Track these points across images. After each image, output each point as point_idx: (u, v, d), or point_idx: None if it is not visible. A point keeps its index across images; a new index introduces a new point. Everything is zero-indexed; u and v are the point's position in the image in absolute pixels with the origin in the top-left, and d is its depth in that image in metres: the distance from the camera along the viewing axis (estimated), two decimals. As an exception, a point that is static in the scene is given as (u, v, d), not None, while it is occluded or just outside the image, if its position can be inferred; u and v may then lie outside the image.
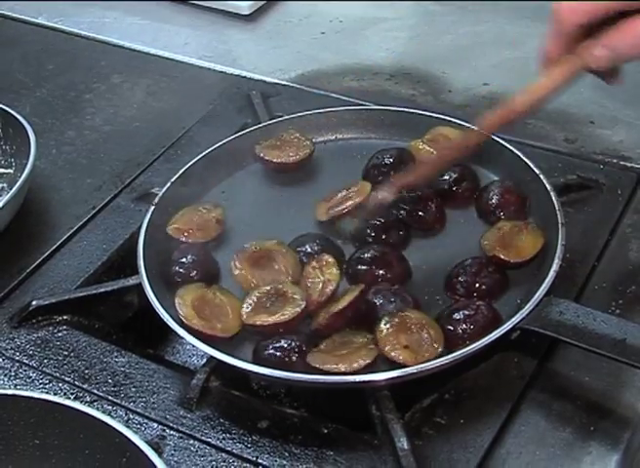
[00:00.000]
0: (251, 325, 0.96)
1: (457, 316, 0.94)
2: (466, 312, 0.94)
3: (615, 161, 1.17)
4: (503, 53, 1.38)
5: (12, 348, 1.01)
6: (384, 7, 1.51)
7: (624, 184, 1.13)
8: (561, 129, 1.23)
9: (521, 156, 1.08)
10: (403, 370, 0.89)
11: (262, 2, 1.51)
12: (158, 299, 0.97)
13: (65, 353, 1.00)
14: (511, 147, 1.09)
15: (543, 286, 0.93)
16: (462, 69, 1.35)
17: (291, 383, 0.94)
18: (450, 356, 0.89)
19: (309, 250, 1.03)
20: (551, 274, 0.94)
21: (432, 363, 0.89)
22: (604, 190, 1.13)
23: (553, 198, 1.02)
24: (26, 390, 0.95)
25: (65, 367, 0.99)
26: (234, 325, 0.96)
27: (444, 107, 1.23)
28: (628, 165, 1.17)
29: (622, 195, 1.12)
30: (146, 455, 0.80)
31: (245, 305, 0.97)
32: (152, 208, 1.07)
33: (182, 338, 0.94)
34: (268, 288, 0.99)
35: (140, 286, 1.01)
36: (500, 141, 1.10)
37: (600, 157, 1.18)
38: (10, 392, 0.88)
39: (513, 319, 0.91)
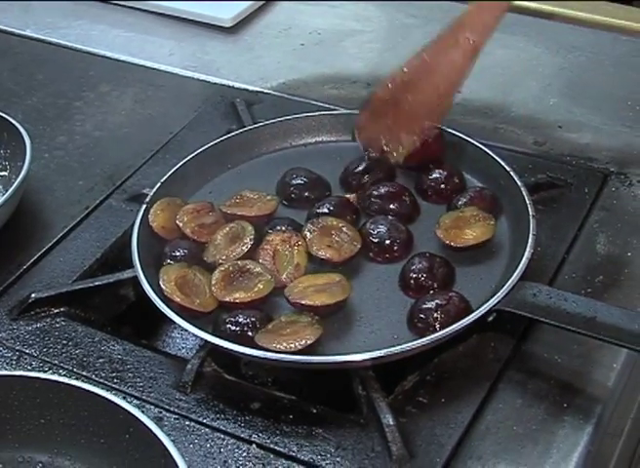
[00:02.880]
0: (228, 302, 1.01)
1: (428, 305, 0.99)
2: (438, 302, 0.99)
3: (582, 162, 1.24)
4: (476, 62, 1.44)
5: (12, 338, 1.05)
6: (361, 20, 1.57)
7: (591, 183, 1.20)
8: (531, 133, 1.29)
9: (493, 156, 1.14)
10: (385, 350, 0.94)
11: (244, 15, 1.57)
12: (151, 286, 1.02)
13: (64, 342, 1.05)
14: (484, 148, 1.16)
15: (517, 271, 0.99)
16: (436, 78, 1.41)
17: (273, 364, 0.99)
18: (428, 338, 0.94)
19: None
20: (524, 261, 1.00)
21: (412, 343, 0.94)
22: (572, 189, 1.19)
23: (523, 193, 1.08)
24: (28, 377, 1.00)
25: (64, 355, 1.03)
26: (211, 302, 1.02)
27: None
28: (595, 166, 1.23)
29: (589, 193, 1.18)
30: (150, 429, 0.84)
31: (213, 285, 1.02)
32: (144, 206, 1.12)
33: (174, 322, 0.99)
34: (229, 265, 1.04)
35: (133, 279, 1.07)
36: (474, 143, 1.16)
37: (568, 158, 1.24)
38: (17, 373, 0.92)
39: (490, 301, 0.96)
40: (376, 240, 1.07)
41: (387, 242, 1.07)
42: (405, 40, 1.52)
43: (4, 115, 1.24)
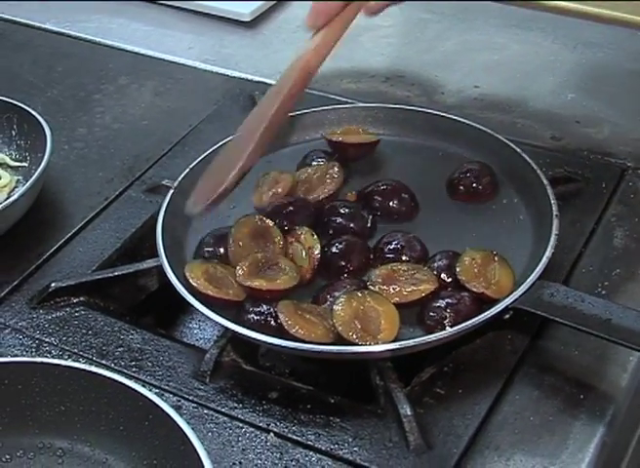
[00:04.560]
0: (248, 287, 1.01)
1: (439, 304, 0.99)
2: (449, 301, 0.99)
3: (599, 157, 1.24)
4: (492, 57, 1.45)
5: (32, 327, 1.06)
6: (378, 16, 1.57)
7: (609, 178, 1.20)
8: (548, 128, 1.30)
9: (520, 153, 1.14)
10: (400, 342, 0.94)
11: (263, 9, 1.58)
12: (176, 276, 1.02)
13: (83, 331, 1.05)
14: (511, 144, 1.16)
15: (536, 271, 0.98)
16: (454, 73, 1.42)
17: (290, 353, 1.00)
18: (445, 331, 0.95)
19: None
20: (544, 260, 1.00)
21: (433, 336, 0.94)
22: (589, 184, 1.19)
23: (549, 191, 1.08)
24: (48, 365, 1.01)
25: (84, 344, 1.04)
26: (241, 292, 1.02)
27: (438, 107, 1.28)
28: (612, 160, 1.23)
29: (607, 188, 1.18)
30: (169, 416, 0.85)
31: (238, 268, 1.03)
32: (171, 192, 1.13)
33: (197, 311, 0.99)
34: (260, 256, 1.05)
35: (154, 269, 1.08)
36: (500, 138, 1.17)
37: (585, 153, 1.25)
38: (38, 360, 0.93)
39: (507, 299, 0.97)
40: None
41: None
42: (422, 35, 1.53)
43: (24, 107, 1.25)
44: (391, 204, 1.13)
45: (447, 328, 0.96)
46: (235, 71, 1.46)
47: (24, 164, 1.26)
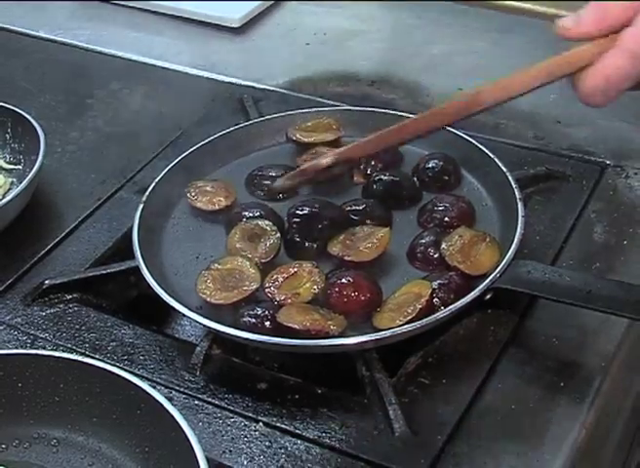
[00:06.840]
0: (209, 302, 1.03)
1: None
2: (440, 281, 1.01)
3: (580, 155, 1.27)
4: (475, 61, 1.48)
5: (27, 323, 1.08)
6: (366, 20, 1.61)
7: (589, 175, 1.23)
8: (530, 127, 1.33)
9: (477, 145, 1.17)
10: (382, 332, 0.96)
11: (251, 16, 1.61)
12: (156, 281, 1.04)
13: (77, 327, 1.08)
14: (469, 138, 1.19)
15: (511, 249, 1.02)
16: (438, 76, 1.45)
17: (274, 348, 1.01)
18: (427, 319, 0.96)
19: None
20: (517, 236, 1.03)
21: (416, 324, 0.96)
22: (570, 181, 1.22)
23: (509, 178, 1.11)
24: (43, 358, 1.03)
25: (77, 339, 1.06)
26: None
27: (423, 110, 1.30)
28: (592, 158, 1.26)
29: (587, 185, 1.21)
30: (161, 404, 0.87)
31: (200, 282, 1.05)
32: (142, 206, 1.15)
33: (180, 313, 1.02)
34: (228, 266, 1.07)
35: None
36: (455, 131, 1.19)
37: (566, 152, 1.28)
38: (32, 352, 0.95)
39: (486, 280, 0.99)
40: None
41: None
42: (408, 40, 1.56)
43: (18, 110, 1.28)
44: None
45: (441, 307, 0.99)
46: (224, 76, 1.48)
47: (19, 166, 1.29)
